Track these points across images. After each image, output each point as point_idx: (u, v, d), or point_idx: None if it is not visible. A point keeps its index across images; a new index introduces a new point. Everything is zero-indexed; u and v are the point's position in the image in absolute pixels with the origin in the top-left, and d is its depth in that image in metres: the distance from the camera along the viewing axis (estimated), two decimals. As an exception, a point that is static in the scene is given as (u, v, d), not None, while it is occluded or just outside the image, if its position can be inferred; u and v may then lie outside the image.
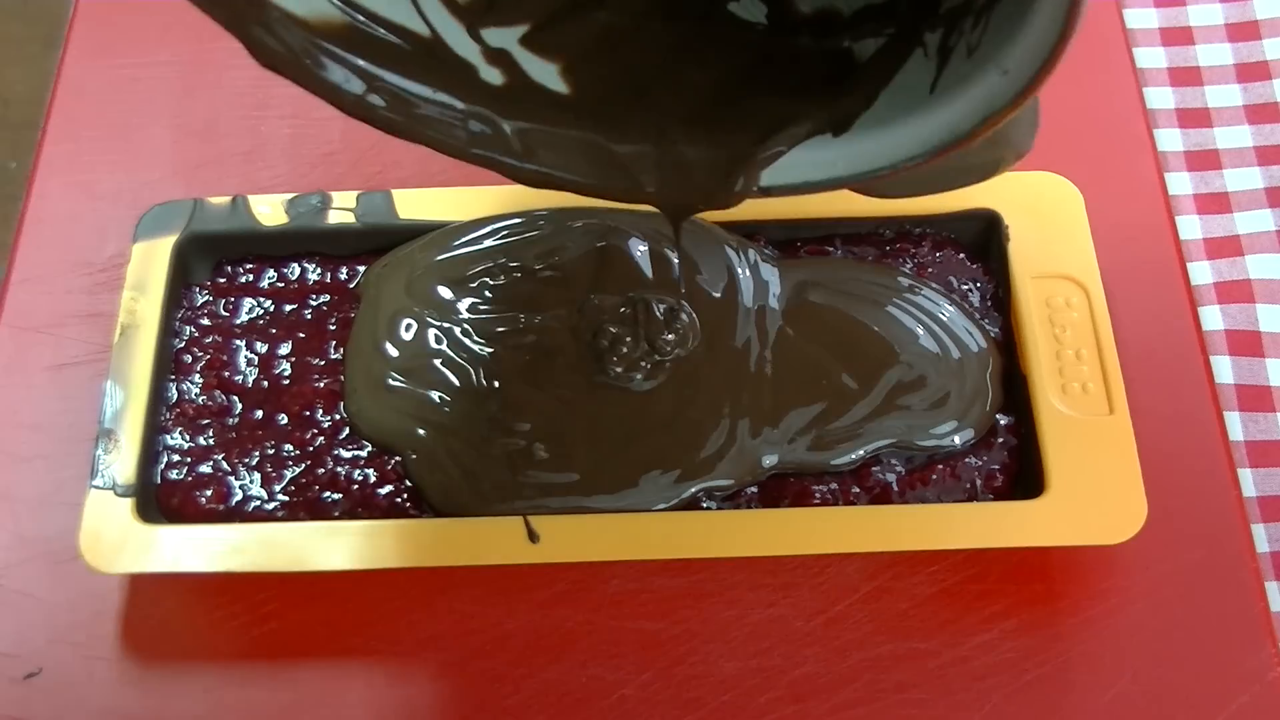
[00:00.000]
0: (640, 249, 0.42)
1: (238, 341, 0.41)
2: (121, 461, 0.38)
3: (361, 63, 0.30)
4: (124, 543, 0.37)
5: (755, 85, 0.33)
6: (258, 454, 0.39)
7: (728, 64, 0.34)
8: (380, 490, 0.38)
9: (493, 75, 0.32)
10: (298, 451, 0.39)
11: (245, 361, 0.41)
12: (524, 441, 0.39)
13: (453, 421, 0.39)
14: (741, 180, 0.32)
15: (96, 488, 0.37)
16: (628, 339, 0.40)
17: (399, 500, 0.38)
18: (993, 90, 0.29)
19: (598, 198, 0.33)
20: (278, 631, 0.38)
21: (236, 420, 0.40)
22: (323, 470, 0.39)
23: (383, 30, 0.30)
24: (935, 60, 0.31)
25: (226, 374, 0.40)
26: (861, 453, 0.39)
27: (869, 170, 0.32)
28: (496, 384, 0.40)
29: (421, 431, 0.39)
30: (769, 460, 0.38)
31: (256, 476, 0.39)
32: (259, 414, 0.40)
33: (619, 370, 0.40)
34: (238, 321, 0.41)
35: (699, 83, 0.34)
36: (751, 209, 0.42)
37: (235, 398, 0.40)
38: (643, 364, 0.40)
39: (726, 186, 0.32)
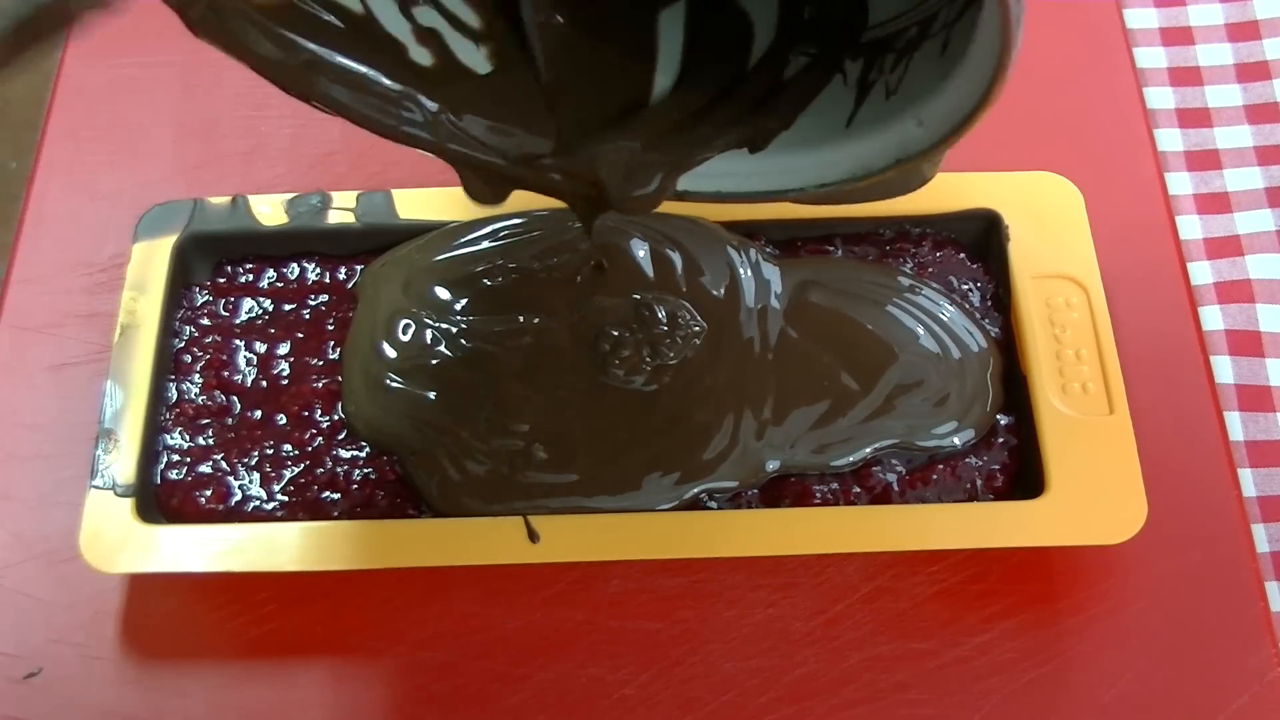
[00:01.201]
0: (641, 250, 0.42)
1: (237, 341, 0.41)
2: (121, 461, 0.38)
3: (297, 38, 0.31)
4: (124, 543, 0.37)
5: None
6: (257, 454, 0.39)
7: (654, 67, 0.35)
8: (379, 490, 0.38)
9: (422, 55, 0.33)
10: (297, 451, 0.39)
11: (245, 361, 0.41)
12: (523, 443, 0.39)
13: (451, 422, 0.39)
14: (659, 182, 0.33)
15: (96, 488, 0.37)
16: (630, 342, 0.40)
17: (398, 500, 0.38)
18: (906, 138, 0.31)
19: (519, 186, 0.34)
20: (278, 631, 0.38)
21: (235, 420, 0.40)
22: (321, 470, 0.39)
23: (317, 6, 0.31)
24: (854, 92, 0.33)
25: (226, 374, 0.40)
26: (863, 453, 0.39)
27: (780, 190, 0.34)
28: (495, 385, 0.40)
29: (419, 432, 0.39)
30: (772, 465, 0.38)
31: (256, 476, 0.39)
32: (258, 414, 0.40)
33: (621, 374, 0.40)
34: (237, 321, 0.41)
35: (626, 80, 0.35)
36: (751, 208, 0.42)
37: (235, 398, 0.40)
38: (645, 367, 0.40)
39: (643, 185, 0.33)
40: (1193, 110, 0.50)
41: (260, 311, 0.42)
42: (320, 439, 0.39)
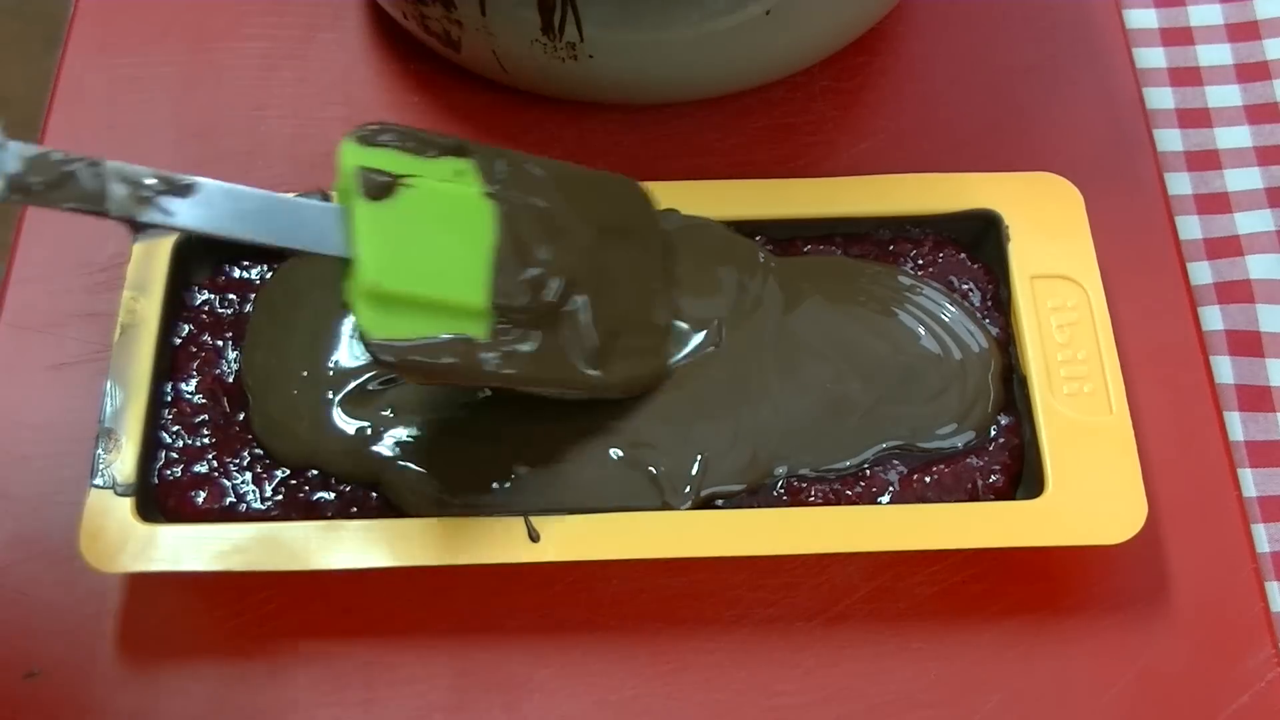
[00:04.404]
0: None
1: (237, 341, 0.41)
2: (121, 461, 0.38)
3: None
4: (124, 542, 0.37)
5: None
6: (248, 455, 0.39)
7: None
8: (375, 490, 0.38)
9: None
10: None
11: (245, 361, 0.41)
12: (517, 449, 0.38)
13: (440, 430, 0.39)
14: None
15: (96, 487, 0.37)
16: None
17: (392, 500, 0.38)
18: None
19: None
20: (277, 631, 0.38)
21: (235, 420, 0.40)
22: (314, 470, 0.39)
23: None
24: None
25: (225, 374, 0.40)
26: (864, 454, 0.39)
27: None
28: (487, 391, 0.39)
29: (391, 455, 0.38)
30: (780, 470, 0.38)
31: (249, 476, 0.39)
32: (257, 414, 0.40)
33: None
34: (236, 321, 0.41)
35: None
36: (751, 208, 0.42)
37: (234, 398, 0.40)
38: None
39: None
40: (1193, 110, 0.50)
41: (260, 311, 0.42)
42: (319, 439, 0.39)
